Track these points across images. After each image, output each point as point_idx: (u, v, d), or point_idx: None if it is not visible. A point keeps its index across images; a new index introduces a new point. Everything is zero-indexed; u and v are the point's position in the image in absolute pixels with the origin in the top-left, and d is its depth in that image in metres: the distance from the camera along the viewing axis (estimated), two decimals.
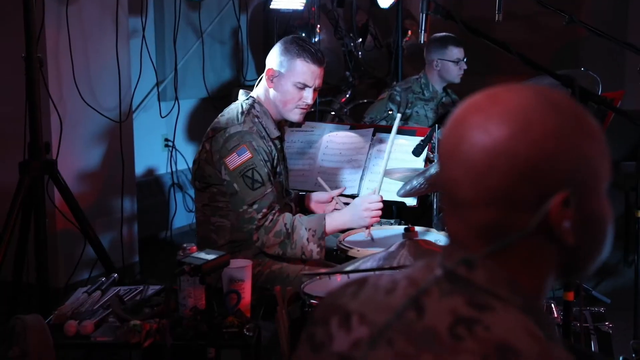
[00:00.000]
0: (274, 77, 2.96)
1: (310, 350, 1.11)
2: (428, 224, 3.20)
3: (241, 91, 3.07)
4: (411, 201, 3.48)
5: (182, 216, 5.42)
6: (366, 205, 2.86)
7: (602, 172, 1.01)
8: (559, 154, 0.97)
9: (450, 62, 4.72)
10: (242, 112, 2.95)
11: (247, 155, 2.85)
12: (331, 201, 3.20)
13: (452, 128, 1.04)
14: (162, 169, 5.36)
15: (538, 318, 1.00)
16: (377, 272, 1.16)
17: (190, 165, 5.34)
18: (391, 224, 3.36)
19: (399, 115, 3.18)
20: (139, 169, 4.97)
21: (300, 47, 2.94)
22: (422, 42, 2.47)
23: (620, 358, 2.53)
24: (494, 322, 0.95)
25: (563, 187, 0.97)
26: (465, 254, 1.02)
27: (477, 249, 1.02)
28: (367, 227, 2.92)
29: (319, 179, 3.29)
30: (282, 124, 3.10)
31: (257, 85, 3.05)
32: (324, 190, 3.26)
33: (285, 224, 2.84)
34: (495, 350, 0.92)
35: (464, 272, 1.01)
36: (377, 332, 1.01)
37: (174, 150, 5.29)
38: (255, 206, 2.83)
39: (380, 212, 2.88)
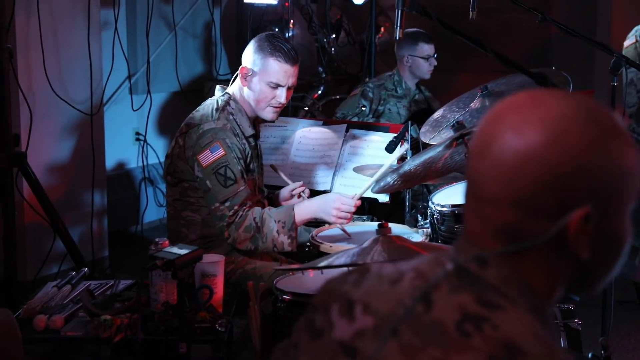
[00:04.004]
0: (248, 76, 2.94)
1: (309, 336, 1.09)
2: (399, 220, 3.20)
3: (217, 87, 3.04)
4: (384, 197, 3.48)
5: (153, 210, 5.38)
6: (338, 205, 2.83)
7: (630, 192, 1.00)
8: (590, 169, 0.96)
9: (421, 59, 4.73)
10: (217, 109, 2.92)
11: (221, 152, 2.83)
12: (291, 197, 3.18)
13: (487, 123, 1.03)
14: (133, 162, 5.32)
15: (544, 321, 1.00)
16: (378, 263, 1.14)
17: (162, 160, 5.31)
18: (363, 220, 3.36)
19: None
20: (110, 162, 4.92)
21: (273, 46, 2.89)
22: (397, 38, 2.46)
23: (590, 354, 2.55)
24: (503, 322, 0.95)
25: (587, 201, 0.97)
26: (479, 251, 1.02)
27: (491, 248, 1.01)
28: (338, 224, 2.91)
29: (278, 171, 3.26)
30: (258, 122, 3.08)
31: (232, 82, 3.02)
32: (284, 182, 3.24)
33: (254, 218, 2.82)
34: (502, 350, 0.92)
35: (476, 269, 1.01)
36: (387, 328, 1.00)
37: (145, 144, 5.25)
38: (227, 204, 2.81)
39: (348, 217, 2.86)
